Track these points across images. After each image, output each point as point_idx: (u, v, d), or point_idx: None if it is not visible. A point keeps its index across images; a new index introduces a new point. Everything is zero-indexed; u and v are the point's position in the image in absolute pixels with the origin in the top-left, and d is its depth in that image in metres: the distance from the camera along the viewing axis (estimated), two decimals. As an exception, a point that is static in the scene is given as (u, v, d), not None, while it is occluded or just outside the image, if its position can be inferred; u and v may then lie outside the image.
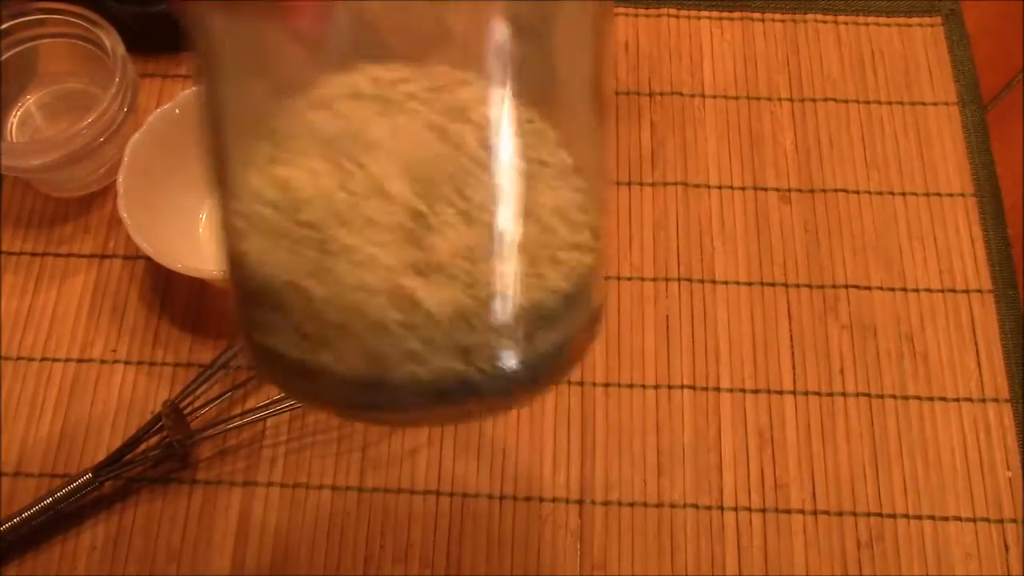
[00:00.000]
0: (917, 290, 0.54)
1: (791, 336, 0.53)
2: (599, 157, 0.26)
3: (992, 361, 0.52)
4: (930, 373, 0.52)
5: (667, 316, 0.53)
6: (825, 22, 0.62)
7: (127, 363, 0.51)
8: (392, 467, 0.49)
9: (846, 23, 0.62)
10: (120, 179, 0.49)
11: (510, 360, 0.23)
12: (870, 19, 0.62)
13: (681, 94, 0.60)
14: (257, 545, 0.47)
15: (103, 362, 0.51)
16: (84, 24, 0.52)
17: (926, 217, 0.56)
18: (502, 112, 0.23)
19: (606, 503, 0.49)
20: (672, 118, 0.59)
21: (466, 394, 0.23)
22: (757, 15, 0.63)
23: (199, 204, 0.54)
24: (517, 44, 0.23)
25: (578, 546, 0.48)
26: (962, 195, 0.57)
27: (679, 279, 0.54)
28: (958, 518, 0.48)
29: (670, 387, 0.51)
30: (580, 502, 0.49)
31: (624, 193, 0.57)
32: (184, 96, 0.51)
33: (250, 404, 0.50)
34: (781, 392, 0.51)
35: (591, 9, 0.25)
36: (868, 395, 0.51)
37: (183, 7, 0.23)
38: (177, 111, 0.51)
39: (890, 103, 0.60)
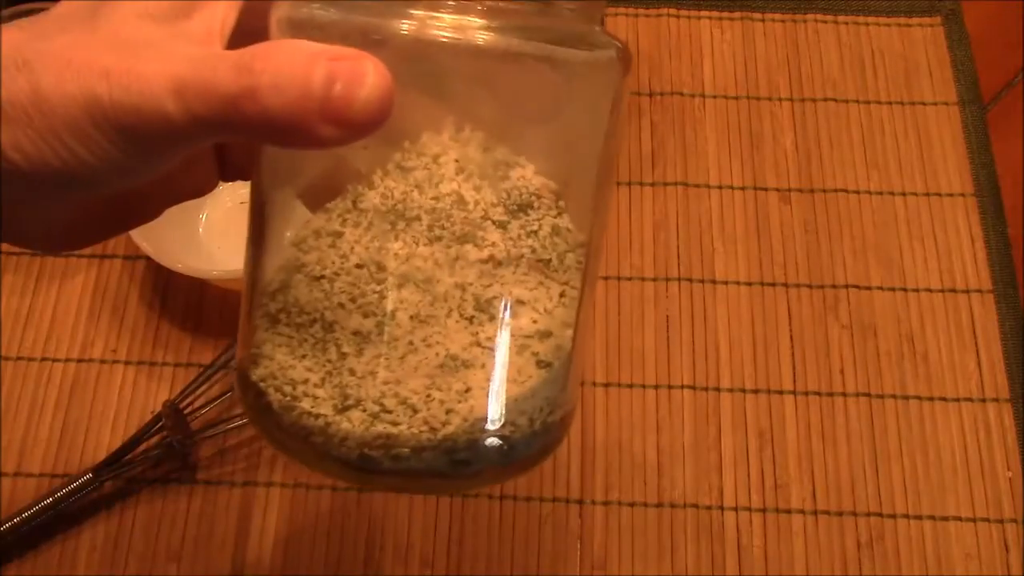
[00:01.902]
0: (917, 290, 0.54)
1: (791, 336, 0.53)
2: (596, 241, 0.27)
3: (992, 361, 0.52)
4: (930, 373, 0.52)
5: (667, 316, 0.53)
6: (825, 22, 0.62)
7: (127, 363, 0.51)
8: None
9: (846, 23, 0.62)
10: (120, 179, 0.49)
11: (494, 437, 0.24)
12: (870, 19, 0.62)
13: (681, 94, 0.60)
14: (257, 545, 0.47)
15: (103, 362, 0.51)
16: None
17: (926, 217, 0.56)
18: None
19: (606, 503, 0.49)
20: (672, 118, 0.59)
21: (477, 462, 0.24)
22: (757, 15, 0.63)
23: (199, 204, 0.54)
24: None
25: (578, 546, 0.48)
26: (962, 195, 0.57)
27: (679, 279, 0.54)
28: (958, 518, 0.48)
29: (670, 387, 0.51)
30: (580, 502, 0.49)
31: (624, 193, 0.57)
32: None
33: (250, 404, 0.50)
34: (781, 392, 0.51)
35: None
36: (868, 395, 0.51)
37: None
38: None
39: (890, 103, 0.60)
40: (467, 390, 0.23)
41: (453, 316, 0.23)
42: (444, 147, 0.24)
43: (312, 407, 0.24)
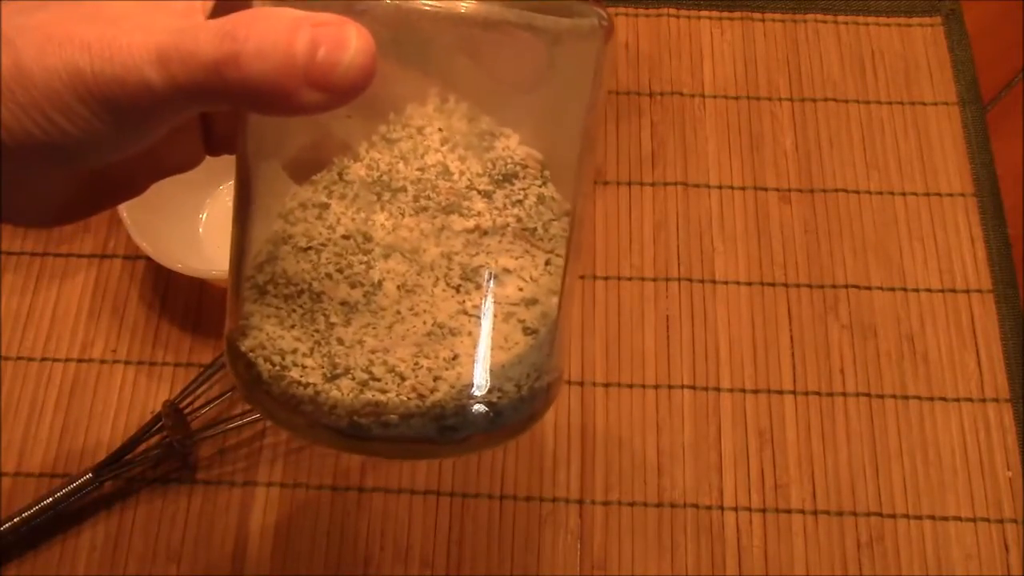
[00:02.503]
0: (917, 290, 0.54)
1: (791, 336, 0.53)
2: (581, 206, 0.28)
3: (992, 361, 0.52)
4: (930, 373, 0.52)
5: (667, 316, 0.53)
6: (825, 22, 0.62)
7: (127, 363, 0.51)
8: (392, 467, 0.49)
9: (846, 23, 0.62)
10: (120, 179, 0.49)
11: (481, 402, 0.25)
12: (870, 19, 0.62)
13: (681, 94, 0.60)
14: (257, 545, 0.47)
15: (103, 362, 0.51)
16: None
17: (926, 217, 0.56)
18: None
19: (606, 503, 0.49)
20: (672, 118, 0.59)
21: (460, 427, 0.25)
22: (757, 15, 0.63)
23: (199, 204, 0.54)
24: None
25: (578, 546, 0.48)
26: (962, 195, 0.57)
27: (679, 279, 0.54)
28: (958, 518, 0.48)
29: (670, 387, 0.51)
30: (580, 502, 0.49)
31: (624, 193, 0.57)
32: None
33: (250, 404, 0.50)
34: (781, 392, 0.51)
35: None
36: (868, 395, 0.51)
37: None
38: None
39: (890, 103, 0.60)
40: (454, 357, 0.24)
41: (440, 285, 0.24)
42: (429, 118, 0.24)
43: (301, 376, 0.24)
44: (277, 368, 0.24)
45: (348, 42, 0.20)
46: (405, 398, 0.24)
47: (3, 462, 0.49)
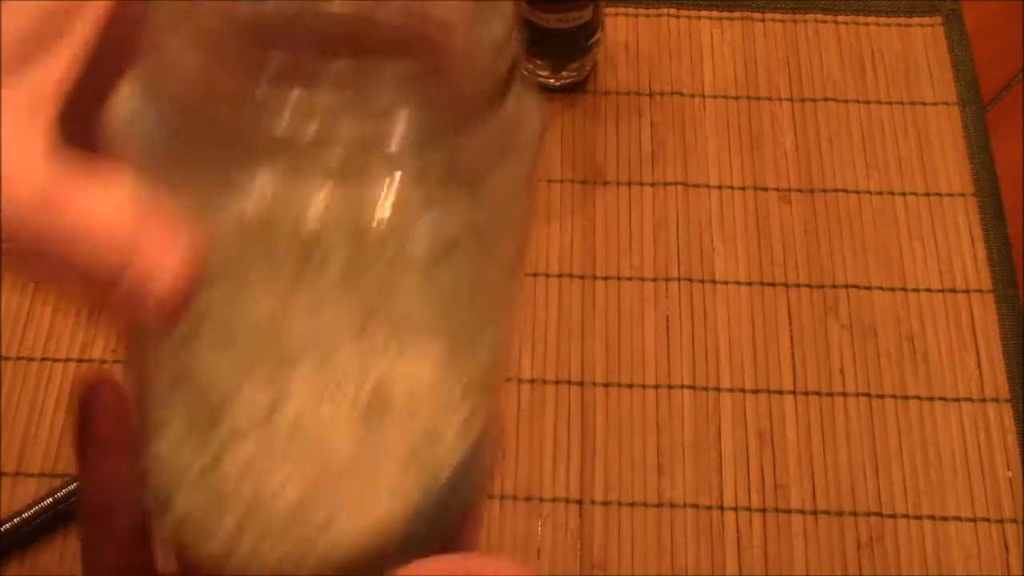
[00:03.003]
0: (917, 290, 0.54)
1: (791, 336, 0.53)
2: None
3: (992, 361, 0.52)
4: (930, 373, 0.52)
5: (667, 316, 0.53)
6: (825, 22, 0.62)
7: (127, 363, 0.51)
8: (392, 467, 0.49)
9: (846, 23, 0.62)
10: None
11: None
12: (870, 19, 0.62)
13: (681, 94, 0.60)
14: (257, 545, 0.47)
15: (103, 362, 0.51)
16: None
17: (926, 217, 0.56)
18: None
19: (606, 503, 0.49)
20: (672, 118, 0.59)
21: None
22: (757, 15, 0.63)
23: (199, 204, 0.54)
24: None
25: (578, 546, 0.48)
26: (962, 195, 0.57)
27: (679, 279, 0.54)
28: (958, 518, 0.48)
29: (670, 387, 0.51)
30: (580, 502, 0.49)
31: (624, 193, 0.57)
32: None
33: (250, 404, 0.50)
34: (781, 392, 0.51)
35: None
36: (868, 395, 0.51)
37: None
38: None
39: (890, 103, 0.60)
40: (330, 521, 0.20)
41: (344, 409, 0.19)
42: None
43: (186, 512, 0.21)
44: (164, 497, 0.22)
45: (162, 275, 0.18)
46: (275, 561, 0.20)
47: (3, 462, 0.49)
